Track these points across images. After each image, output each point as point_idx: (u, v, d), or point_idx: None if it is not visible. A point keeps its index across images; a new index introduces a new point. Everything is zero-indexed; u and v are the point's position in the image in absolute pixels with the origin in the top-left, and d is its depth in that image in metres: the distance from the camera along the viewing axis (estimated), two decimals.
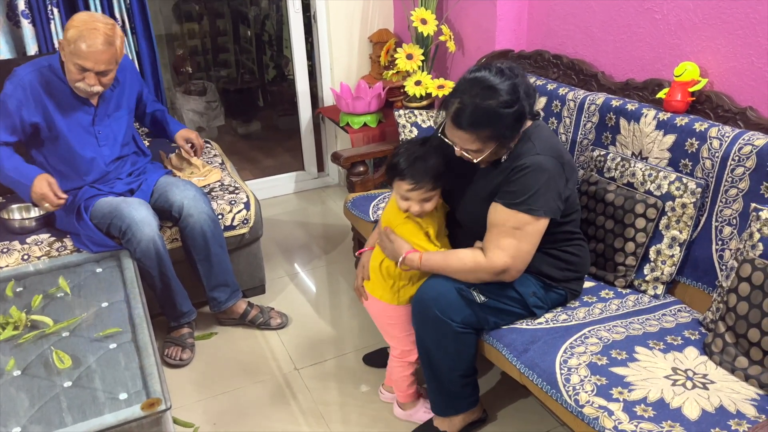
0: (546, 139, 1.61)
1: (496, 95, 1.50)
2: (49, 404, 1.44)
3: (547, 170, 1.55)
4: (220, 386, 2.09)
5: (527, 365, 1.54)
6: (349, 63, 3.31)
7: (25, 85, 2.01)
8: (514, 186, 1.56)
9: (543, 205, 1.55)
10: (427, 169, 1.62)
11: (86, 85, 1.97)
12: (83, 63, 1.92)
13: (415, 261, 1.66)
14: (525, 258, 1.59)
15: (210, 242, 2.16)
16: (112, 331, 1.68)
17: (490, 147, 1.56)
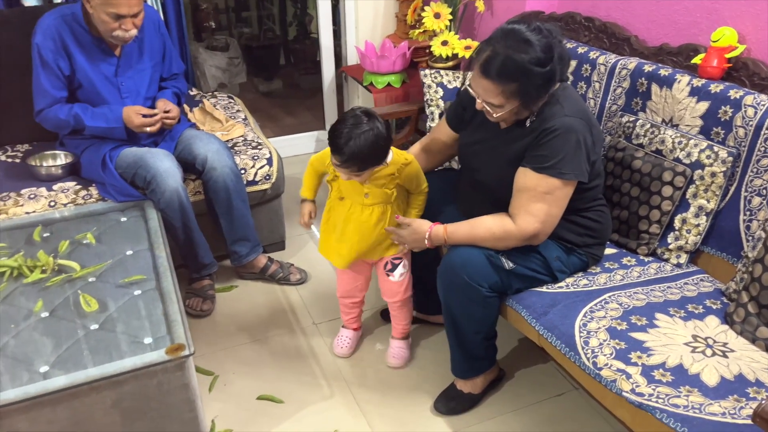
0: (574, 101, 1.59)
1: (530, 50, 1.47)
2: (76, 346, 1.48)
3: (575, 132, 1.53)
4: (240, 337, 2.13)
5: (546, 327, 1.55)
6: (374, 21, 3.25)
7: (54, 35, 2.01)
8: (543, 150, 1.54)
9: (573, 169, 1.53)
10: (355, 153, 1.59)
11: (123, 31, 1.97)
12: (118, 10, 1.92)
13: (440, 234, 1.66)
14: (554, 222, 1.59)
15: (232, 196, 2.17)
16: (137, 278, 1.71)
17: (513, 104, 1.53)
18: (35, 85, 2.06)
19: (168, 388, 1.46)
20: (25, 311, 1.59)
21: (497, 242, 1.60)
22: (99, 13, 1.94)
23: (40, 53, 2.01)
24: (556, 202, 1.56)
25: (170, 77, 2.33)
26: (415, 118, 2.60)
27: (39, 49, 2.01)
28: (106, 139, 2.14)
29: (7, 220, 2.00)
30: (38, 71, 2.04)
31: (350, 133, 1.58)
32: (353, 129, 1.59)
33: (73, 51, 2.04)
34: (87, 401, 1.38)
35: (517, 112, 1.57)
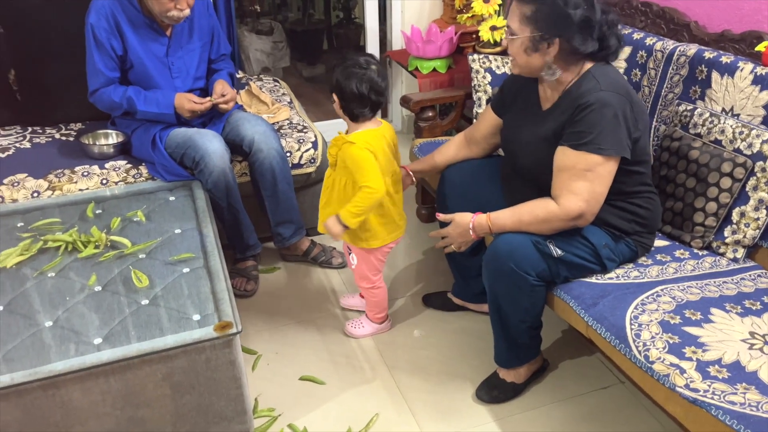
0: (611, 77, 1.56)
1: None
2: (128, 319, 1.51)
3: (612, 106, 1.49)
4: (282, 318, 2.15)
5: (595, 318, 1.51)
6: (420, 6, 3.22)
7: (107, 14, 2.05)
8: (579, 126, 1.51)
9: (612, 144, 1.49)
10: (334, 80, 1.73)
11: (178, 11, 2.00)
12: None
13: (484, 223, 1.64)
14: (599, 200, 1.54)
15: (278, 178, 2.18)
16: (186, 256, 1.74)
17: (524, 32, 1.53)
18: (89, 65, 2.10)
19: (216, 364, 1.48)
20: (79, 285, 1.63)
21: (542, 225, 1.57)
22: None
23: (94, 33, 2.05)
24: (598, 179, 1.51)
25: (218, 58, 2.35)
26: (461, 103, 2.57)
27: (93, 29, 2.05)
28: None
29: (61, 196, 2.05)
30: (92, 51, 2.08)
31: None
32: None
33: (125, 31, 2.07)
34: (139, 374, 1.41)
35: (527, 51, 1.55)
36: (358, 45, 4.42)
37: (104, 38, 2.05)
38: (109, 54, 2.07)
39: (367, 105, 1.72)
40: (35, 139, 2.34)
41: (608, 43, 1.56)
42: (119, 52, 2.08)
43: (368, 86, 1.69)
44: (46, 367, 1.35)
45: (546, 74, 1.58)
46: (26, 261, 1.71)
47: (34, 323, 1.50)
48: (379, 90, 1.71)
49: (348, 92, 1.70)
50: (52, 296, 1.59)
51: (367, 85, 1.69)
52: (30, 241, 1.77)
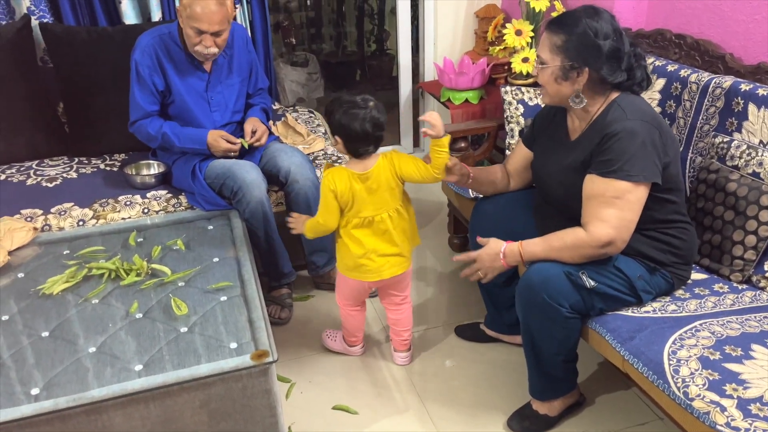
0: (638, 106, 1.59)
1: (595, 18, 1.55)
2: (168, 347, 1.55)
3: (639, 134, 1.51)
4: (316, 346, 2.17)
5: (632, 353, 1.50)
6: (453, 38, 3.28)
7: (150, 52, 2.14)
8: (607, 154, 1.53)
9: (641, 170, 1.50)
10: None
11: (203, 47, 2.07)
12: (199, 25, 2.02)
13: (515, 251, 1.65)
14: (629, 227, 1.54)
15: (313, 207, 2.22)
16: (223, 284, 1.78)
17: (555, 62, 1.57)
18: (131, 98, 2.19)
19: (252, 392, 1.50)
20: (121, 312, 1.68)
21: (572, 252, 1.57)
22: (185, 28, 2.05)
23: (137, 69, 2.14)
24: (628, 206, 1.52)
25: (256, 93, 2.43)
26: (493, 134, 2.59)
27: (137, 65, 2.14)
28: None
29: (105, 224, 2.12)
30: (134, 86, 2.17)
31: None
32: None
33: (167, 68, 2.16)
34: (178, 400, 1.44)
35: (558, 80, 1.59)
36: (390, 76, 4.49)
37: (146, 74, 2.14)
38: (149, 89, 2.16)
39: (371, 142, 1.76)
40: (81, 170, 2.44)
41: (635, 74, 1.60)
42: (161, 87, 2.17)
43: (371, 124, 1.72)
44: (88, 393, 1.39)
45: (573, 102, 1.62)
46: (71, 288, 1.77)
47: (77, 349, 1.55)
48: (381, 126, 1.75)
49: (353, 134, 1.73)
50: (95, 323, 1.64)
51: (371, 123, 1.72)
52: (75, 268, 1.84)
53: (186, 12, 2.02)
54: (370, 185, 1.79)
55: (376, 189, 1.80)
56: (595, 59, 1.55)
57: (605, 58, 1.55)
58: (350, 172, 1.79)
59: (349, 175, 1.79)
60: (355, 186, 1.79)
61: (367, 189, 1.79)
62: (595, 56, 1.55)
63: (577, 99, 1.61)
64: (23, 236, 1.97)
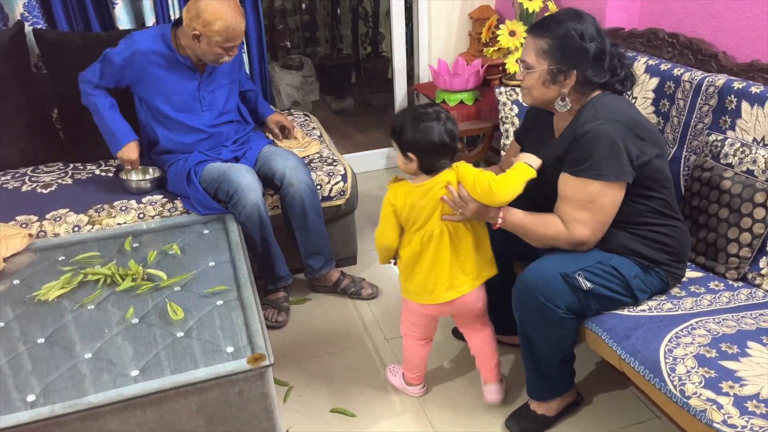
0: (612, 105, 1.60)
1: (579, 20, 1.56)
2: (164, 352, 1.54)
3: (608, 134, 1.53)
4: (313, 349, 2.17)
5: (629, 352, 1.50)
6: (447, 40, 3.28)
7: (135, 51, 2.16)
8: (576, 153, 1.56)
9: (610, 170, 1.52)
10: (394, 133, 1.66)
11: (229, 57, 2.12)
12: (235, 43, 2.08)
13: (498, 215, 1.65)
14: (603, 229, 1.60)
15: (308, 211, 2.23)
16: (219, 288, 1.78)
17: (542, 66, 1.57)
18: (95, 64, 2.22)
19: (249, 396, 1.50)
20: (117, 317, 1.68)
21: (547, 240, 1.61)
22: (213, 48, 2.07)
23: (115, 53, 2.17)
24: (602, 211, 1.56)
25: (248, 91, 2.51)
26: (489, 135, 2.60)
27: (113, 54, 2.17)
28: (192, 154, 2.24)
29: (101, 230, 2.12)
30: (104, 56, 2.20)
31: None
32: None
33: (155, 71, 2.17)
34: (175, 405, 1.44)
35: (545, 83, 1.59)
36: (385, 78, 4.49)
37: (119, 63, 2.17)
38: (110, 72, 2.20)
39: (448, 155, 1.63)
40: (76, 175, 2.43)
41: (618, 73, 1.62)
42: (121, 86, 2.22)
43: (448, 136, 1.60)
44: (85, 399, 1.39)
45: (559, 106, 1.63)
46: (67, 294, 1.77)
47: (73, 355, 1.55)
48: (456, 137, 1.62)
49: (431, 147, 1.59)
50: (91, 329, 1.64)
51: (448, 135, 1.59)
52: (71, 274, 1.83)
53: (220, 37, 2.03)
54: (431, 196, 1.64)
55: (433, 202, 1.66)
56: (582, 62, 1.57)
57: (591, 60, 1.57)
58: (411, 186, 1.67)
59: (410, 189, 1.66)
60: (414, 199, 1.66)
61: (428, 201, 1.65)
62: (582, 59, 1.57)
63: (563, 102, 1.62)
64: (18, 243, 1.97)
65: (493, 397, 1.89)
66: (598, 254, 1.62)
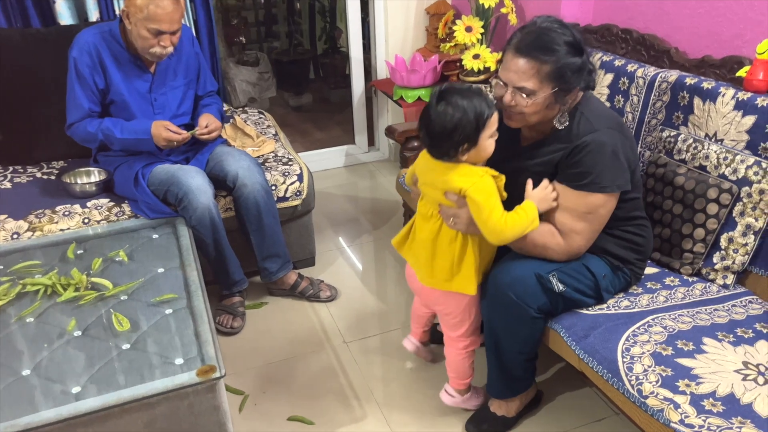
0: (599, 110, 1.57)
1: (566, 32, 1.47)
2: (108, 366, 1.47)
3: (608, 144, 1.50)
4: (270, 355, 2.11)
5: (587, 351, 1.49)
6: (404, 35, 3.24)
7: (90, 49, 2.04)
8: (578, 167, 1.51)
9: (612, 181, 1.51)
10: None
11: (161, 48, 2.00)
12: (159, 26, 1.94)
13: None
14: (595, 237, 1.58)
15: (263, 213, 2.16)
16: (168, 297, 1.70)
17: (547, 89, 1.46)
18: (69, 98, 2.09)
19: (199, 410, 1.44)
20: (58, 330, 1.59)
21: (539, 250, 1.56)
22: (139, 29, 1.95)
23: (76, 67, 2.04)
24: (598, 220, 1.55)
25: (206, 95, 2.35)
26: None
27: (76, 63, 2.04)
28: (140, 155, 2.15)
29: (42, 237, 2.01)
30: (73, 84, 2.07)
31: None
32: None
33: (108, 67, 2.06)
34: (120, 422, 1.37)
35: (550, 106, 1.50)
36: (344, 74, 4.43)
37: (86, 73, 2.04)
38: (90, 88, 2.07)
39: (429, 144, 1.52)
40: (16, 179, 2.31)
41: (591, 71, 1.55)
42: (101, 86, 2.08)
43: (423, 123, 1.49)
44: (22, 419, 1.31)
45: (558, 123, 1.55)
46: (4, 306, 1.67)
47: (11, 372, 1.46)
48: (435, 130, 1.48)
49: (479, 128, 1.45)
50: (29, 343, 1.54)
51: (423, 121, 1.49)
52: (8, 285, 1.73)
53: (141, 14, 1.93)
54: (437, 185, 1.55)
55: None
56: (583, 75, 1.49)
57: (587, 72, 1.50)
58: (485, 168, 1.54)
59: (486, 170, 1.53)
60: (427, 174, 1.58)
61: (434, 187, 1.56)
62: (583, 72, 1.49)
63: (563, 119, 1.54)
64: None
65: (443, 397, 1.85)
66: None
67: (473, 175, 1.49)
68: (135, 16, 1.95)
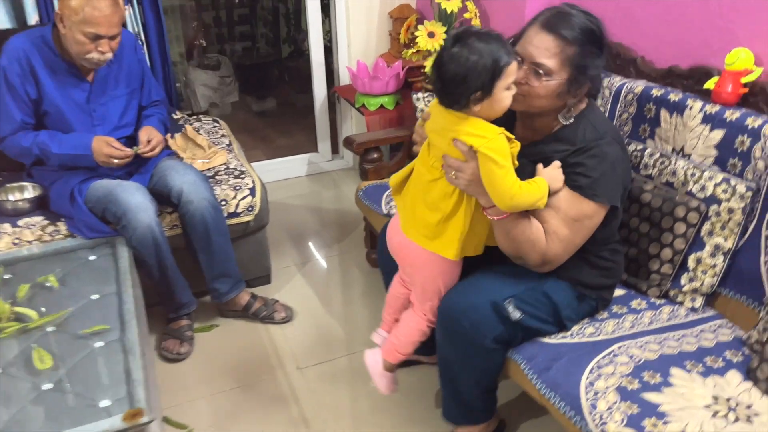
0: (605, 121, 1.49)
1: (598, 29, 1.40)
2: (23, 411, 1.33)
3: (610, 155, 1.42)
4: (219, 384, 1.97)
5: (549, 386, 1.39)
6: (367, 39, 3.13)
7: (20, 57, 1.90)
8: (578, 167, 1.42)
9: (606, 192, 1.41)
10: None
11: (99, 53, 1.85)
12: (96, 29, 1.80)
13: None
14: (571, 253, 1.45)
15: (211, 230, 2.03)
16: (99, 328, 1.57)
17: (562, 75, 1.38)
18: (0, 110, 1.93)
19: None
20: None
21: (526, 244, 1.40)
22: (74, 33, 1.81)
23: (6, 77, 1.90)
24: (582, 232, 1.43)
25: (150, 105, 2.20)
26: (408, 143, 2.46)
27: (5, 73, 1.90)
28: (76, 170, 2.00)
29: None
30: (3, 95, 1.92)
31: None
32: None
33: (41, 75, 1.91)
34: None
35: (558, 94, 1.40)
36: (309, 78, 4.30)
37: (17, 82, 1.89)
38: (22, 98, 1.92)
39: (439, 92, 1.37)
40: None
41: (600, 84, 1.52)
42: (33, 96, 1.93)
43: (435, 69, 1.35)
44: None
45: (562, 118, 1.47)
46: None
47: None
48: (441, 76, 1.34)
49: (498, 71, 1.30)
50: None
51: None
52: None
53: (77, 17, 1.78)
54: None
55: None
56: (596, 77, 1.44)
57: (599, 76, 1.45)
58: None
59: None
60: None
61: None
62: (599, 69, 1.43)
63: (568, 114, 1.46)
64: None
65: (368, 355, 1.70)
66: (530, 280, 1.50)
67: (489, 131, 1.33)
68: (70, 20, 1.80)
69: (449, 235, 1.46)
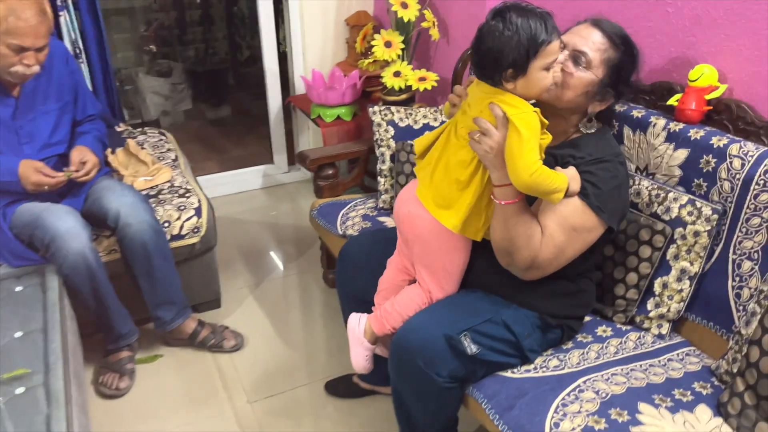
0: (618, 146, 1.46)
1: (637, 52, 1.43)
2: None
3: (620, 177, 1.38)
4: (161, 422, 1.83)
5: (512, 427, 1.29)
6: (323, 47, 3.01)
7: None
8: (588, 176, 1.34)
9: (608, 209, 1.35)
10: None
11: (25, 67, 1.70)
12: (21, 41, 1.65)
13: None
14: (559, 266, 1.37)
15: (152, 255, 1.89)
16: (20, 372, 1.41)
17: (598, 74, 1.37)
18: None
19: None
20: None
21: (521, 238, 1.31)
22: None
23: None
24: (575, 244, 1.35)
25: (85, 120, 2.04)
26: (364, 159, 2.35)
27: None
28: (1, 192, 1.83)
29: None
30: None
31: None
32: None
33: None
34: None
35: (588, 92, 1.38)
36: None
37: None
38: None
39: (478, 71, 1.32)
40: None
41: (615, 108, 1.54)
42: None
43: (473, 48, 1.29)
44: None
45: (583, 126, 1.44)
46: None
47: None
48: (480, 51, 1.28)
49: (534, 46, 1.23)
50: None
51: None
52: None
53: (0, 28, 1.62)
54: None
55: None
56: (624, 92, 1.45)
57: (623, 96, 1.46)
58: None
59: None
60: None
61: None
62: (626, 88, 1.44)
63: (590, 123, 1.43)
64: None
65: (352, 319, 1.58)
66: (489, 310, 1.41)
67: (523, 105, 1.27)
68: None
69: (458, 208, 1.39)
